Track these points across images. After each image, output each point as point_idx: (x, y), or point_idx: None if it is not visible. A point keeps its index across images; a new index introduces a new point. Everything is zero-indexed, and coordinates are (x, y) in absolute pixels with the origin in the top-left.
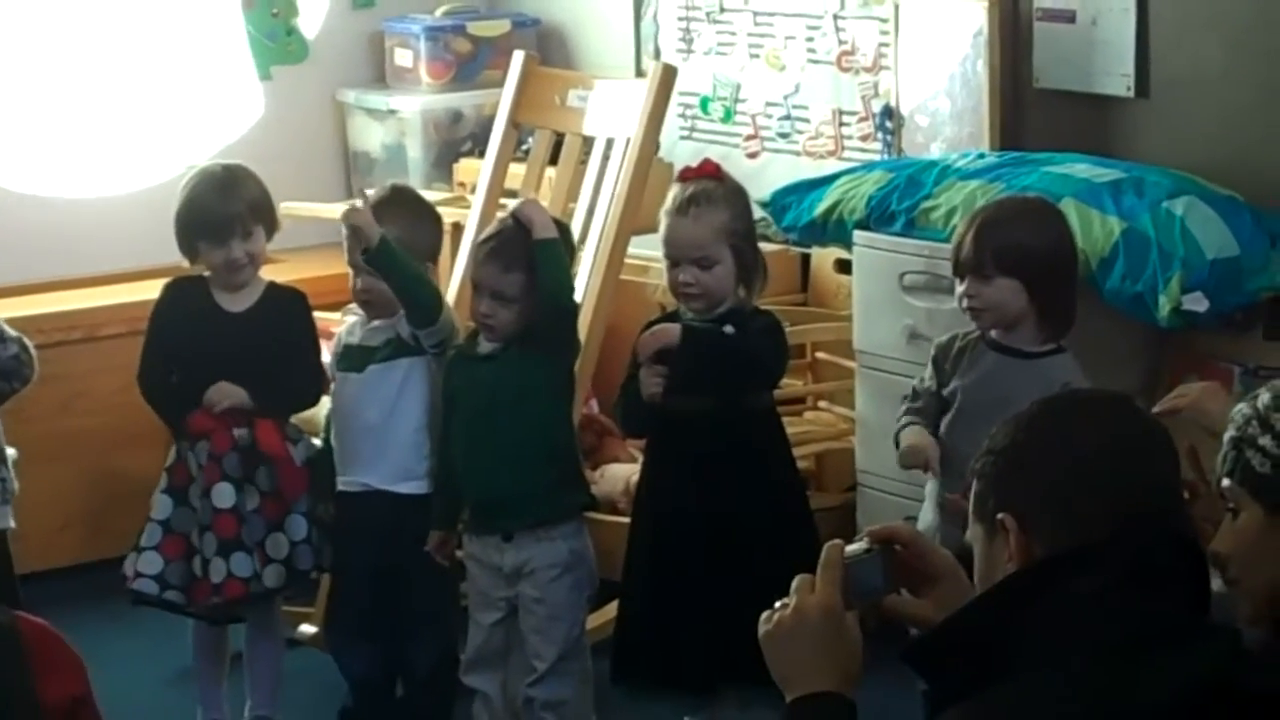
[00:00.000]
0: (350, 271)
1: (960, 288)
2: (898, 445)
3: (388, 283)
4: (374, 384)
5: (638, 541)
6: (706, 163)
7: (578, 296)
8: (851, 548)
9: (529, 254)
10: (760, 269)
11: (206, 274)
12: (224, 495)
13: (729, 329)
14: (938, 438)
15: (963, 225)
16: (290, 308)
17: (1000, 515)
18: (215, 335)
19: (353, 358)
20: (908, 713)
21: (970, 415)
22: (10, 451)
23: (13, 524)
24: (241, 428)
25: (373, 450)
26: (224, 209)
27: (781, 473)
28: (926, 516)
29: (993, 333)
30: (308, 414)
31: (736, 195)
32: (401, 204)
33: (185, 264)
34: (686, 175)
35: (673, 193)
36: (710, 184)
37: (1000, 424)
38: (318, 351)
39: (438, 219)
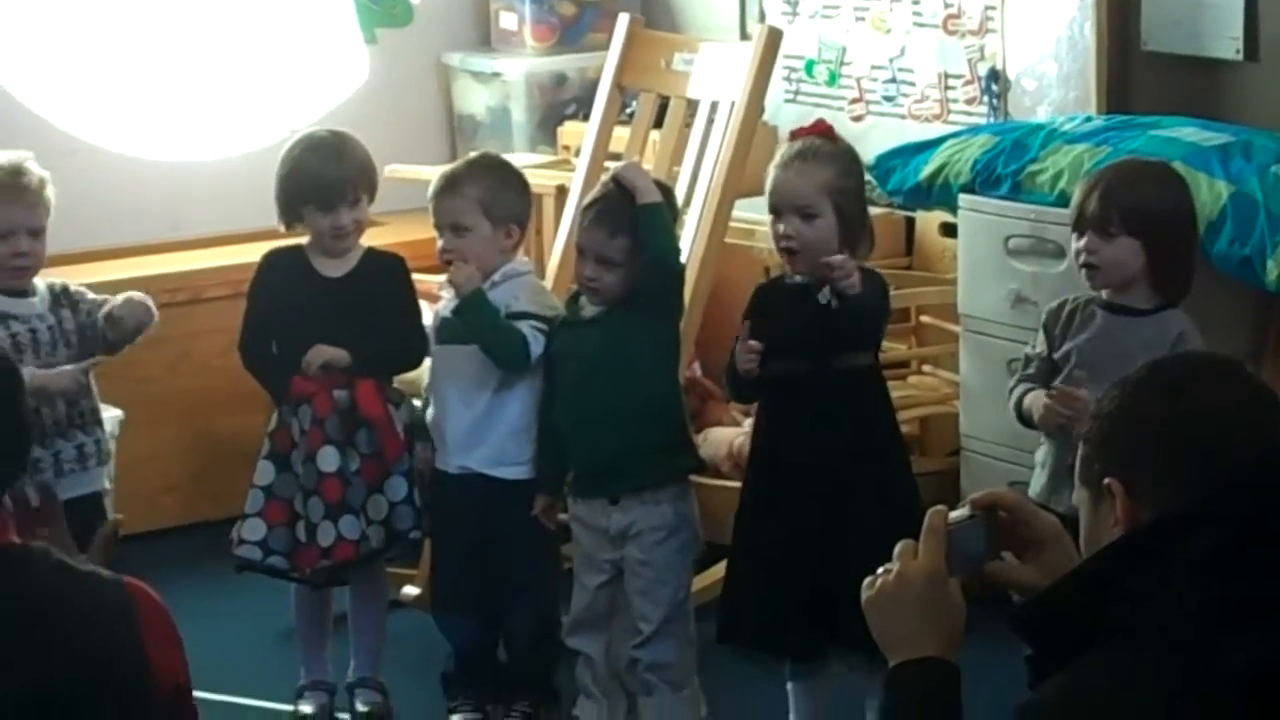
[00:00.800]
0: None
1: (1079, 243)
2: (1019, 414)
3: (477, 334)
4: (478, 365)
5: (746, 503)
6: (819, 122)
7: (682, 259)
8: (954, 514)
9: (633, 218)
10: (865, 232)
11: (304, 242)
12: (329, 459)
13: (826, 293)
14: None
15: (1087, 182)
16: (389, 272)
17: (1107, 480)
18: (314, 301)
19: (450, 331)
20: (1010, 678)
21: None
22: (115, 412)
23: (107, 485)
24: (341, 389)
25: (473, 433)
26: (335, 175)
27: (882, 435)
28: (1039, 482)
29: (1103, 293)
30: (410, 376)
31: (844, 155)
32: (485, 167)
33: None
34: (798, 134)
35: (781, 149)
36: (819, 141)
37: (1107, 389)
38: (418, 315)
39: (524, 185)
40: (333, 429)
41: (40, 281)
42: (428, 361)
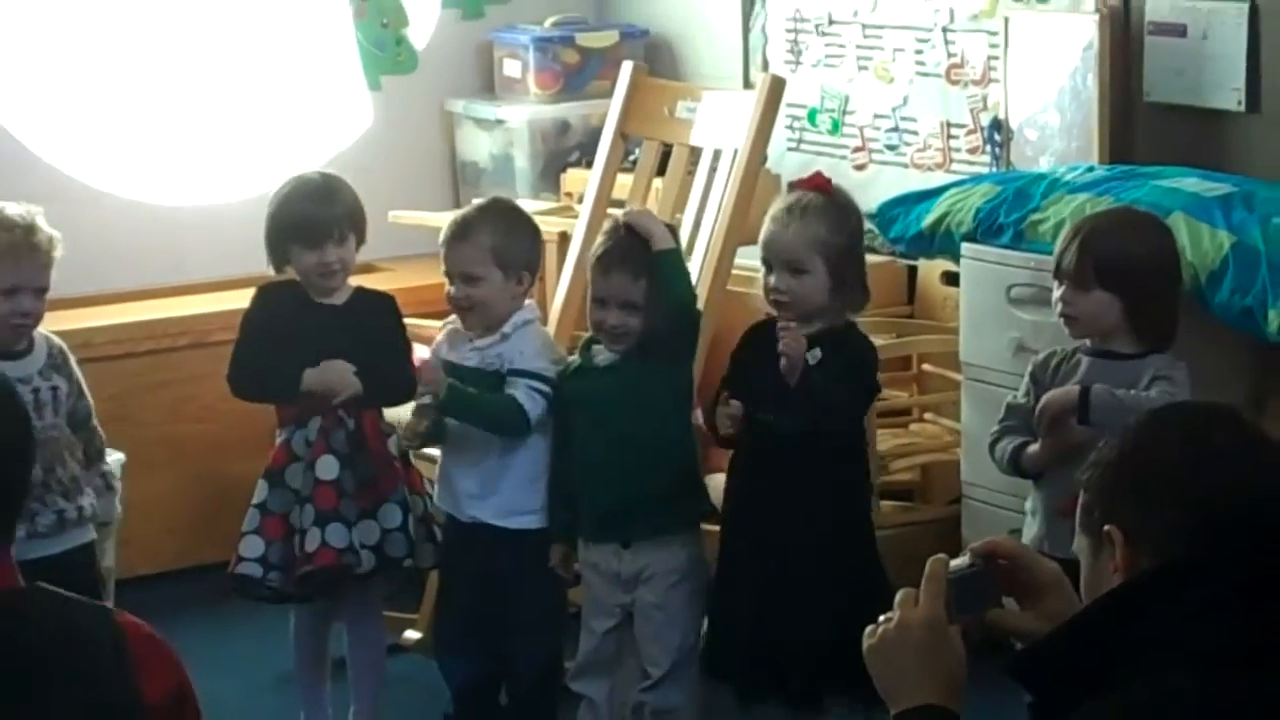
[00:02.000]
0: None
1: (1056, 293)
2: (1011, 463)
3: (468, 422)
4: None
5: (720, 543)
6: (816, 175)
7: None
8: (955, 563)
9: (649, 261)
10: (859, 288)
11: (298, 279)
12: (328, 467)
13: (816, 354)
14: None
15: (1068, 231)
16: (381, 308)
17: (1107, 527)
18: (313, 326)
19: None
20: None
21: None
22: (118, 456)
23: (94, 535)
24: (350, 416)
25: (484, 485)
26: (321, 213)
27: (840, 498)
28: (1031, 529)
29: (1088, 341)
30: (392, 412)
31: (839, 209)
32: (498, 214)
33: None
34: (796, 185)
35: (777, 199)
36: (812, 195)
37: (1107, 437)
38: (409, 352)
39: (535, 231)
40: (338, 442)
41: (41, 339)
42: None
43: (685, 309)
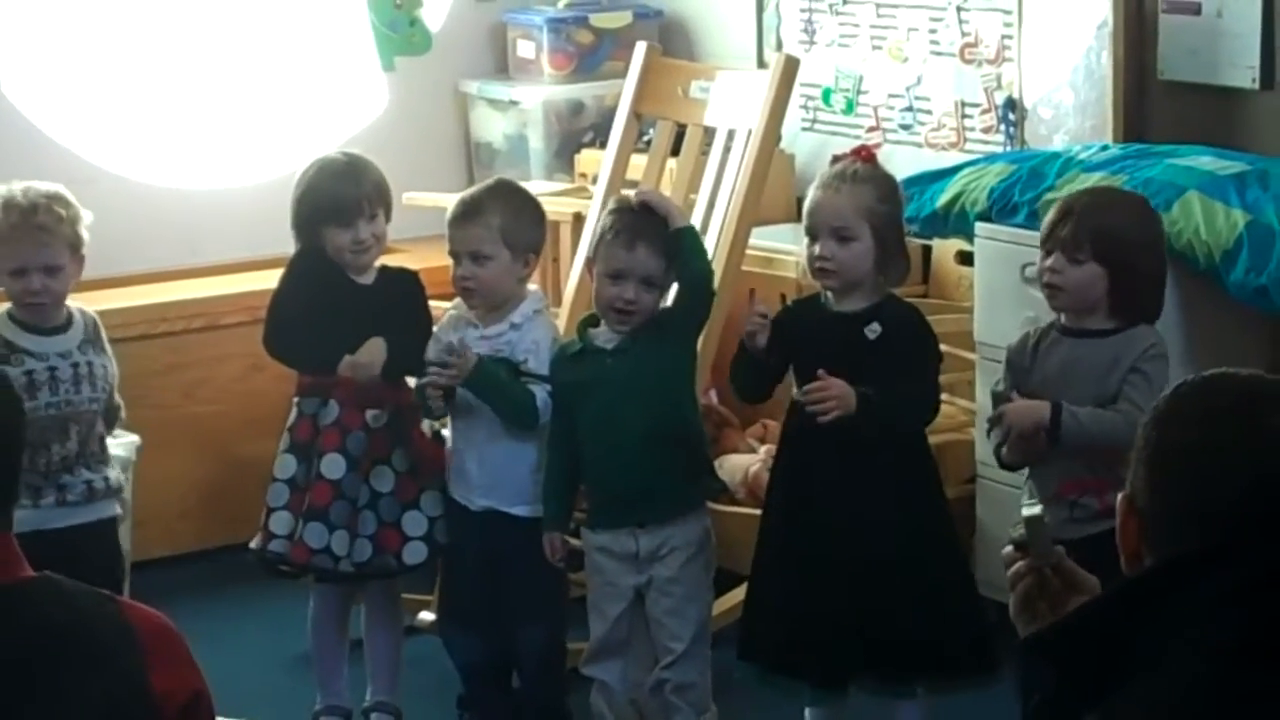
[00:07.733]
0: (451, 261)
1: (1045, 262)
2: (998, 461)
3: (487, 403)
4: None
5: (769, 527)
6: (861, 147)
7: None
8: (1037, 509)
9: (668, 240)
10: (900, 258)
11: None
12: (335, 466)
13: (875, 328)
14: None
15: (1063, 202)
16: (406, 286)
17: (1120, 494)
18: (346, 301)
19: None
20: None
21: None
22: (133, 438)
23: (119, 511)
24: (376, 409)
25: (491, 472)
26: (351, 191)
27: (914, 465)
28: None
29: (1063, 318)
30: None
31: (884, 180)
32: (506, 194)
33: None
34: (839, 158)
35: (822, 171)
36: (859, 165)
37: (1161, 395)
38: (429, 329)
39: (541, 213)
40: (354, 444)
41: (80, 315)
42: None
43: (706, 285)
